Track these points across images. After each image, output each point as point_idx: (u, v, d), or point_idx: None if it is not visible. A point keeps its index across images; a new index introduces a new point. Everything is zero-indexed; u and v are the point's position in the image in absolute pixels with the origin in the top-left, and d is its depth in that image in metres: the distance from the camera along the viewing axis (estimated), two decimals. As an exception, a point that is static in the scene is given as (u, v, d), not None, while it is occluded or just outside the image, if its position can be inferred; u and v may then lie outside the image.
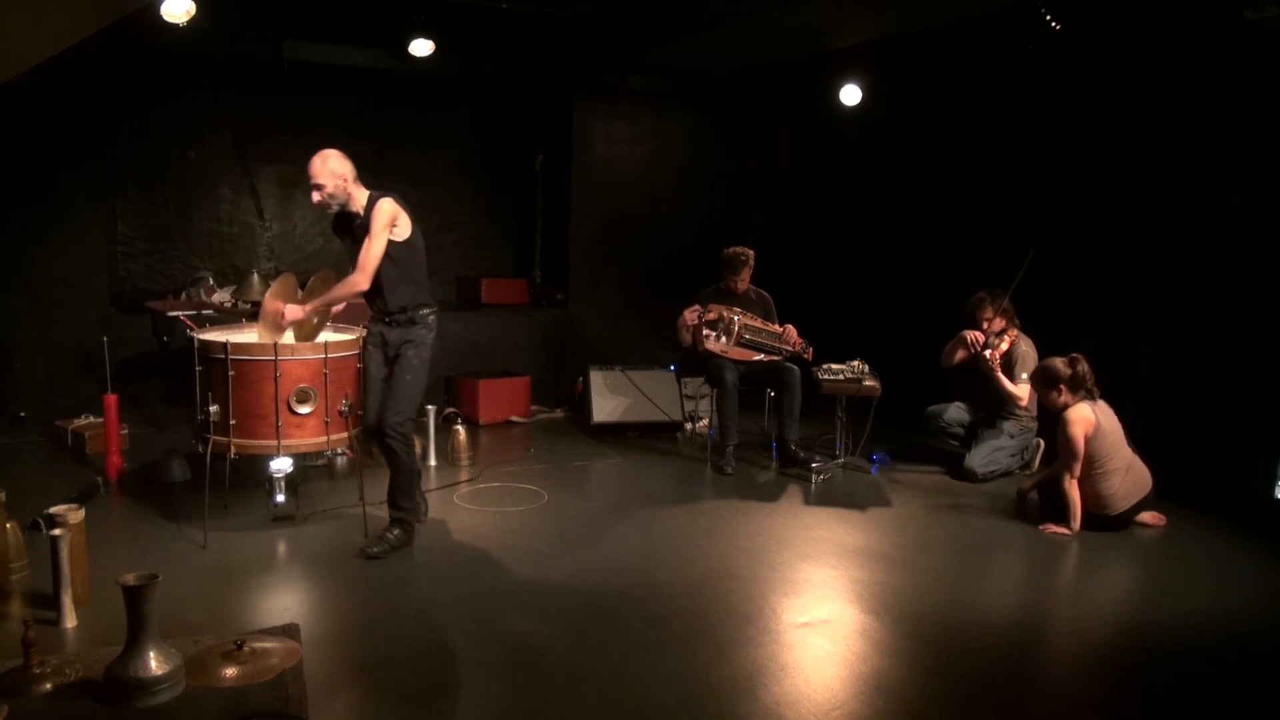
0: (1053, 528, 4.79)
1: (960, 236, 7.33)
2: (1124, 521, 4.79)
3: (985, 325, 5.74)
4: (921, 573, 4.24)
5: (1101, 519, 4.77)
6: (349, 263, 4.27)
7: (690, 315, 5.93)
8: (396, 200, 4.20)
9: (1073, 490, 4.74)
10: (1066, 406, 4.79)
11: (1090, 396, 4.80)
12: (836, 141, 8.21)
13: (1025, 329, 5.79)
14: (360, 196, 4.23)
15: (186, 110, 7.15)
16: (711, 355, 5.91)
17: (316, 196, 4.17)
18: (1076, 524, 4.75)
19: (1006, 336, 5.71)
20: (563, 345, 7.84)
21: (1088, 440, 4.67)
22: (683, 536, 4.65)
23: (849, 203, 8.49)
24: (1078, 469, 4.72)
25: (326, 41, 6.74)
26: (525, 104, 8.18)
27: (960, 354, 5.86)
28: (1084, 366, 4.79)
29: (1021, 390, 5.60)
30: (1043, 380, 4.88)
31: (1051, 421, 5.64)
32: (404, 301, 4.29)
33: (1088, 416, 4.70)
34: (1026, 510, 5.12)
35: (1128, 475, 4.75)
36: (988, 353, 5.64)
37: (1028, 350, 5.69)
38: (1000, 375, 5.63)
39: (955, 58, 7.15)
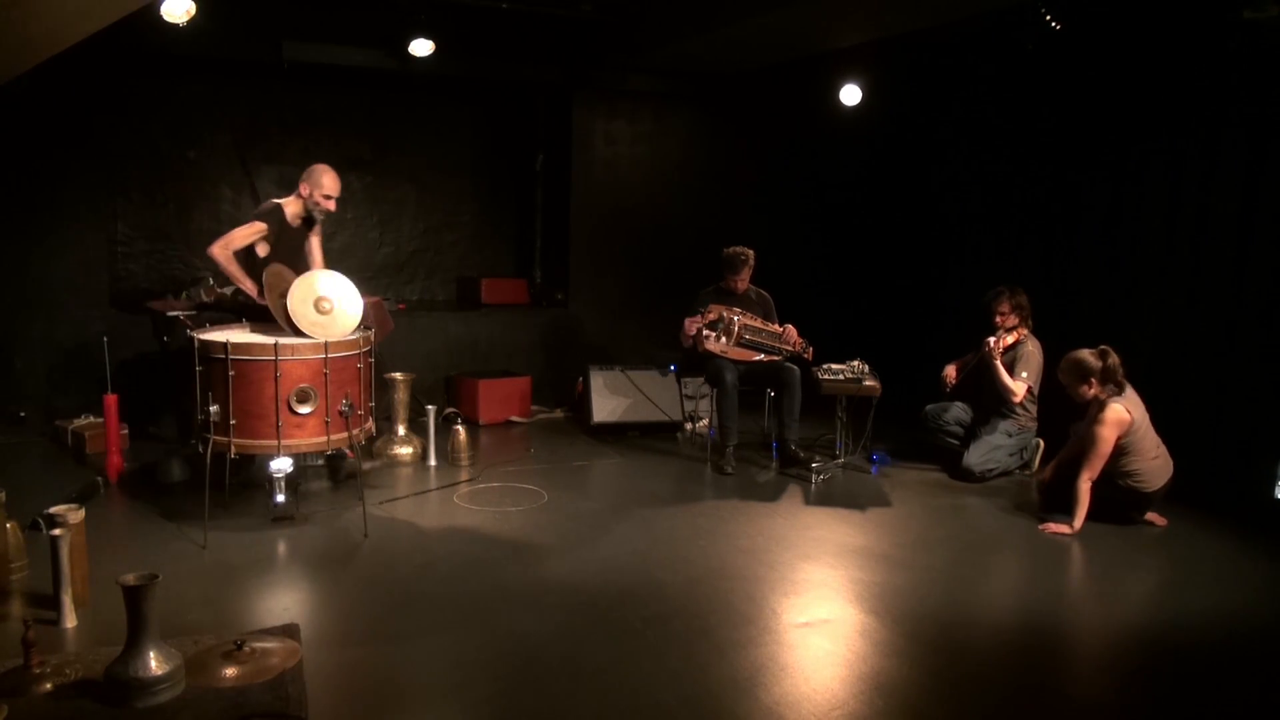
0: (1053, 527, 4.79)
1: (960, 236, 7.34)
2: (1155, 499, 4.83)
3: (999, 319, 5.77)
4: (921, 573, 4.24)
5: (1138, 495, 4.78)
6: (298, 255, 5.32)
7: (691, 326, 5.92)
8: None
9: (1085, 489, 4.75)
10: (1096, 399, 4.80)
11: (1120, 389, 4.78)
12: (836, 141, 8.21)
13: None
14: None
15: (186, 110, 7.15)
16: (711, 355, 5.91)
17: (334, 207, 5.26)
18: (1079, 523, 4.75)
19: (1015, 333, 5.73)
20: (563, 345, 7.84)
21: (1120, 438, 4.69)
22: (683, 536, 4.65)
23: (849, 202, 8.49)
24: (1099, 468, 4.73)
25: (326, 41, 6.74)
26: (525, 104, 8.18)
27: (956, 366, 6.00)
28: (1114, 359, 4.76)
29: (1018, 387, 5.62)
30: (1075, 374, 4.83)
31: (1052, 423, 5.68)
32: None
33: (1123, 417, 4.68)
34: (1029, 507, 5.13)
35: (1159, 454, 4.81)
36: (991, 340, 5.66)
37: (1033, 351, 5.70)
38: (1000, 366, 5.65)
39: (955, 58, 7.15)
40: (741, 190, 8.34)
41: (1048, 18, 5.54)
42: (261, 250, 5.08)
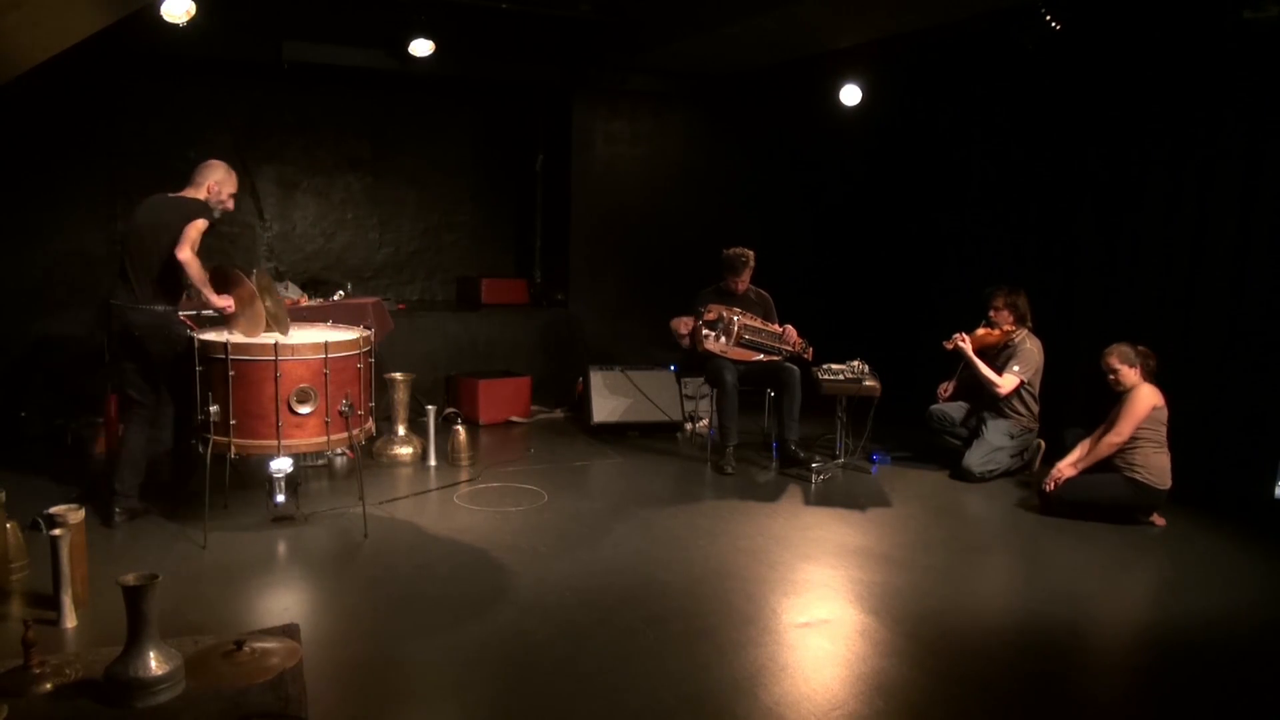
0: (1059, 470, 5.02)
1: (959, 236, 7.33)
2: (1161, 500, 4.94)
3: (991, 313, 5.80)
4: (921, 573, 4.24)
5: (1150, 493, 4.88)
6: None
7: (683, 326, 5.93)
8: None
9: (1105, 448, 4.92)
10: (1129, 382, 4.98)
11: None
12: (836, 142, 8.20)
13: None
14: None
15: (186, 110, 7.15)
16: (711, 355, 5.91)
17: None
18: (1079, 467, 4.98)
19: (1002, 329, 5.75)
20: (563, 345, 7.83)
21: (1154, 409, 4.89)
22: (683, 536, 4.65)
23: (848, 203, 8.49)
24: (1129, 432, 4.87)
25: (326, 41, 6.74)
26: (525, 104, 8.19)
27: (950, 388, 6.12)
28: (1153, 364, 5.05)
29: (1005, 381, 5.63)
30: (1126, 356, 5.01)
31: (1052, 424, 5.70)
32: None
33: (1158, 393, 4.96)
34: (1029, 507, 5.14)
35: (1168, 453, 4.96)
36: (950, 336, 5.76)
37: (1031, 349, 5.71)
38: (976, 359, 5.69)
39: (955, 58, 7.15)
40: (741, 190, 8.33)
41: (1048, 18, 5.54)
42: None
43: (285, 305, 4.67)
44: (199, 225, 4.45)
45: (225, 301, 4.51)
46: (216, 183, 4.71)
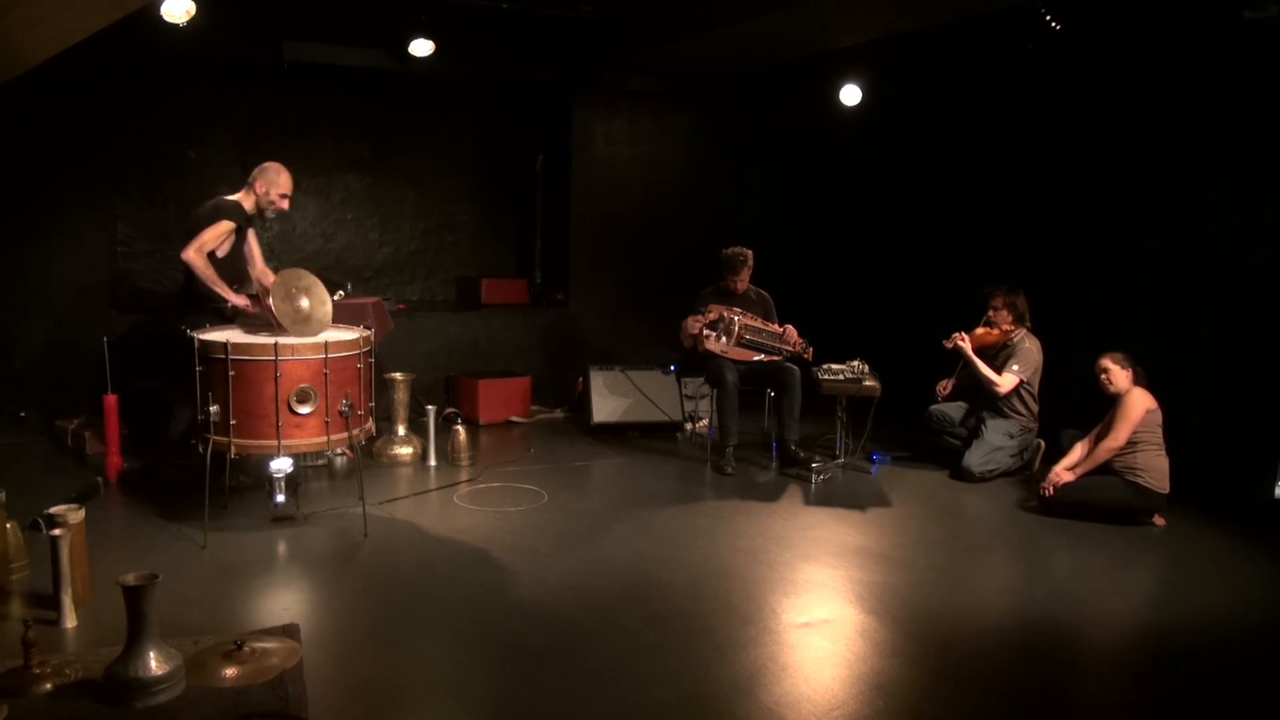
0: (1058, 472, 5.02)
1: (960, 237, 7.33)
2: (1163, 502, 4.95)
3: (990, 313, 5.80)
4: (921, 573, 4.24)
5: (1151, 496, 4.88)
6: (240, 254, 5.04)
7: (695, 325, 5.93)
8: None
9: (1102, 455, 4.94)
10: (1120, 384, 5.02)
11: None
12: (836, 142, 8.20)
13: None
14: None
15: (186, 110, 7.16)
16: (711, 355, 5.91)
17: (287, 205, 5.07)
18: (1080, 471, 4.99)
19: (1001, 329, 5.75)
20: (563, 345, 7.83)
21: (1148, 413, 4.92)
22: (683, 536, 4.65)
23: (848, 203, 8.49)
24: (1125, 437, 4.88)
25: (326, 41, 6.74)
26: (525, 104, 8.19)
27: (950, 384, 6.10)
28: (1144, 383, 5.07)
29: (1005, 380, 5.63)
30: (1116, 358, 5.06)
31: (1051, 424, 5.70)
32: None
33: (1150, 396, 4.99)
34: (1029, 507, 5.14)
35: (1165, 454, 4.97)
36: (950, 335, 5.76)
37: (1030, 348, 5.72)
38: (975, 359, 5.70)
39: (955, 58, 7.15)
40: (741, 190, 8.33)
41: (1048, 18, 5.54)
42: (222, 250, 4.87)
43: (329, 304, 4.69)
44: (217, 228, 4.71)
45: (243, 300, 4.68)
46: (266, 184, 4.92)
